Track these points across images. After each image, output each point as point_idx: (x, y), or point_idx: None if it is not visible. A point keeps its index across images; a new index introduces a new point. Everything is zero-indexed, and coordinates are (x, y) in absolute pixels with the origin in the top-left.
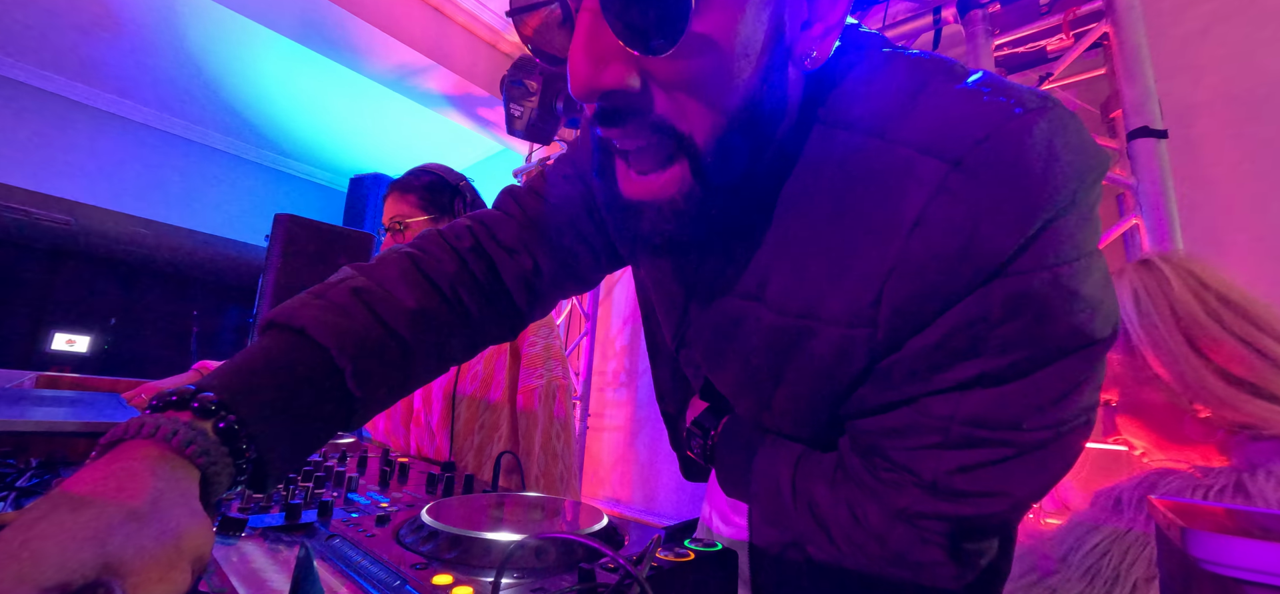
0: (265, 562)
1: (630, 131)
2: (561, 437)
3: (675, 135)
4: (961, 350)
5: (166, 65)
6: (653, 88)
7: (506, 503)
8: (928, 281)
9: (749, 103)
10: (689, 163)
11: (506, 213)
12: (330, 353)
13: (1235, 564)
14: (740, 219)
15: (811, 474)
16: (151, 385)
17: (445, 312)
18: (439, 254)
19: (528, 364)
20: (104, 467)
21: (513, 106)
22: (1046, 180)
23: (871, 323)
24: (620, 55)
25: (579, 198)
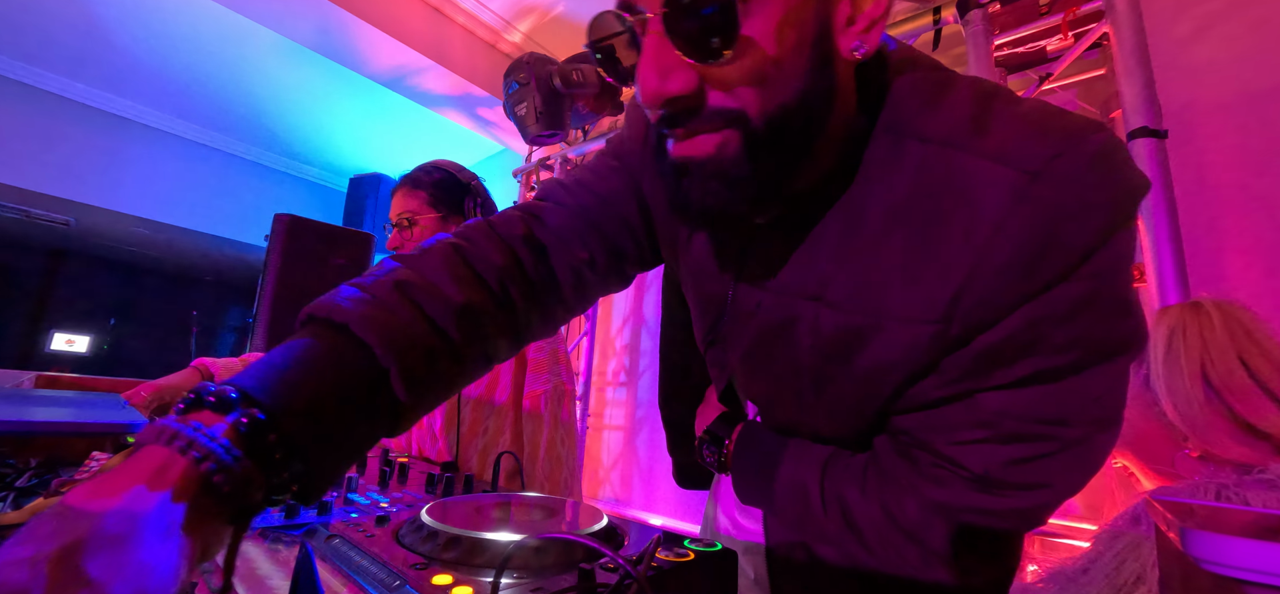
0: (265, 562)
1: (691, 128)
2: (566, 441)
3: (727, 114)
4: (1023, 347)
5: (166, 65)
6: (708, 88)
7: (506, 503)
8: (1007, 280)
9: (801, 92)
10: (740, 131)
11: (557, 202)
12: (375, 352)
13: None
14: (801, 219)
15: (841, 477)
16: (149, 385)
17: (493, 307)
18: (486, 246)
19: (534, 369)
20: (112, 476)
21: (517, 108)
22: (1114, 193)
23: (945, 319)
24: (681, 66)
25: (625, 190)
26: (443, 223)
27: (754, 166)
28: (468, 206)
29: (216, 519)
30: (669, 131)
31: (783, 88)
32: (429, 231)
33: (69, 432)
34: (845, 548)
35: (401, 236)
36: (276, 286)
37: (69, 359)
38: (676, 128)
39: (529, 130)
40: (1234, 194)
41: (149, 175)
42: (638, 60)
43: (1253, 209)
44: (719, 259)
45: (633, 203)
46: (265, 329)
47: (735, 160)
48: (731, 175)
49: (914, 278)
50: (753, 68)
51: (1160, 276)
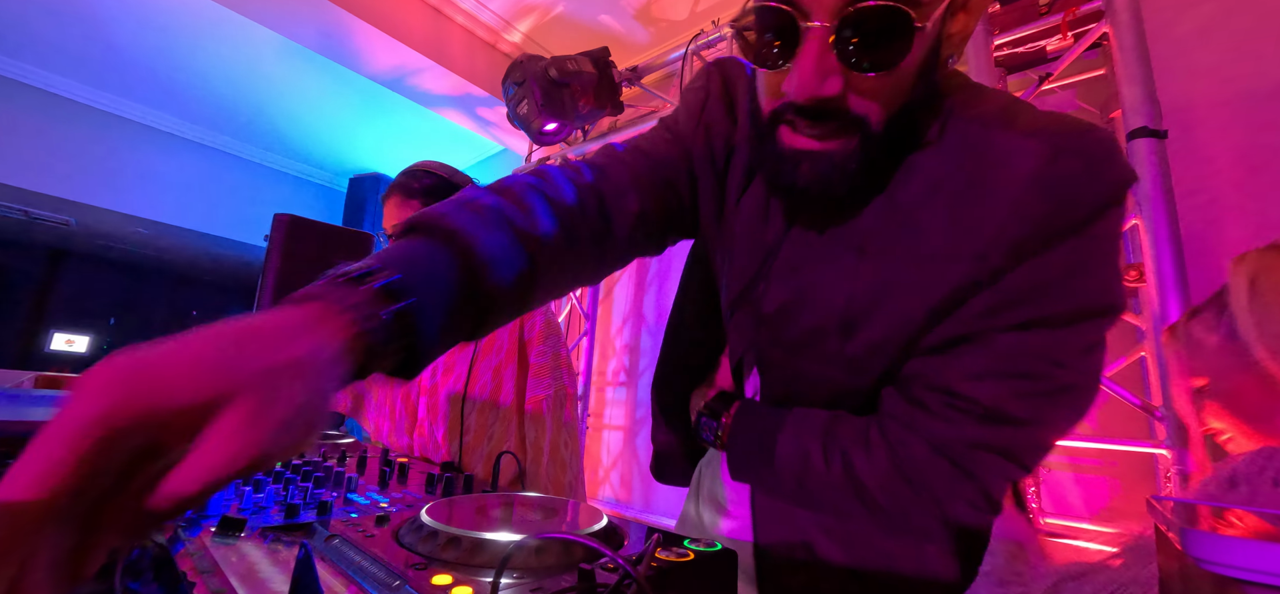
0: (265, 562)
1: (826, 130)
2: (569, 444)
3: (857, 119)
4: (1038, 289)
5: (166, 65)
6: (849, 93)
7: (506, 503)
8: (1036, 227)
9: (912, 102)
10: (861, 135)
11: (617, 160)
12: (476, 262)
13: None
14: (870, 178)
15: (844, 437)
16: None
17: (562, 243)
18: (560, 185)
19: (536, 373)
20: (277, 314)
21: (520, 109)
22: (1120, 171)
23: (982, 256)
24: (836, 72)
25: (678, 159)
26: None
27: (864, 161)
28: None
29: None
30: (804, 124)
31: (902, 98)
32: None
33: None
34: (842, 508)
35: None
36: (276, 286)
37: (69, 359)
38: (818, 124)
39: (533, 125)
40: (1233, 194)
41: (149, 175)
42: (794, 55)
43: (1252, 209)
44: (771, 217)
45: (683, 172)
46: None
47: (852, 156)
48: (846, 168)
49: (956, 222)
50: (893, 85)
51: (1160, 276)
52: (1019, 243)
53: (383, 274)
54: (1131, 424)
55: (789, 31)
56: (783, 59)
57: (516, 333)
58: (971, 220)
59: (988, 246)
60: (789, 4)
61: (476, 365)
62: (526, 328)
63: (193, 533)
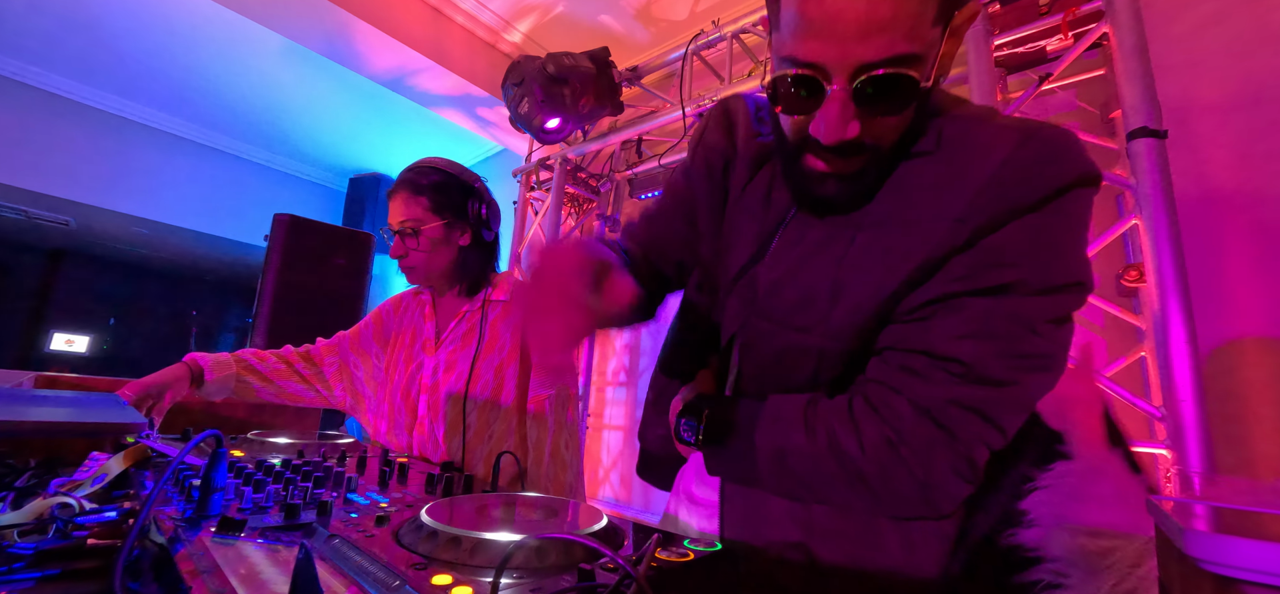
0: (264, 562)
1: (848, 163)
2: (570, 445)
3: (867, 148)
4: (1010, 255)
5: (166, 65)
6: (868, 131)
7: (506, 503)
8: (1007, 195)
9: (914, 121)
10: (872, 157)
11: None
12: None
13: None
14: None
15: (825, 412)
16: (137, 382)
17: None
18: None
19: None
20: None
21: (521, 109)
22: (1081, 159)
23: (961, 220)
24: (855, 117)
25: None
26: (448, 230)
27: (878, 178)
28: (472, 210)
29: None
30: (835, 160)
31: (906, 125)
32: (433, 238)
33: (69, 432)
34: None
35: (405, 245)
36: (276, 286)
37: (69, 359)
38: (840, 160)
39: (535, 122)
40: (1233, 193)
41: (149, 175)
42: (818, 106)
43: (1252, 208)
44: (772, 206)
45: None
46: (265, 329)
47: (867, 174)
48: (863, 185)
49: (939, 194)
50: (900, 120)
51: (1159, 276)
52: (992, 211)
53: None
54: (1131, 424)
55: (814, 88)
56: (809, 108)
57: (519, 330)
58: (952, 193)
59: (966, 211)
60: (814, 69)
61: (478, 364)
62: None
63: (193, 533)
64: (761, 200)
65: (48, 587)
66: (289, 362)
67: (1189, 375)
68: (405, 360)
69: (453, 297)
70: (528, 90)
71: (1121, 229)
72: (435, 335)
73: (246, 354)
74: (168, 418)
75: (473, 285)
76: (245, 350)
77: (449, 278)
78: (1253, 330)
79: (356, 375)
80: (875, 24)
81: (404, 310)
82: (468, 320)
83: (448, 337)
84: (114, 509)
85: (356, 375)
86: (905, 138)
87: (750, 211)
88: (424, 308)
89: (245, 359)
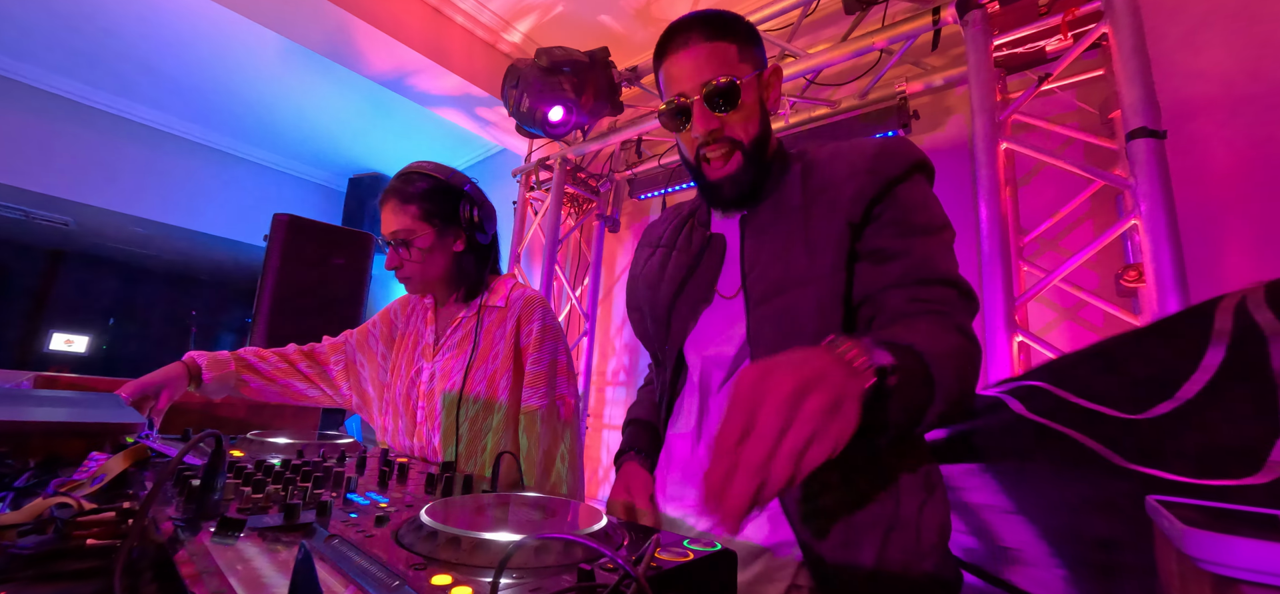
0: (264, 562)
1: (721, 155)
2: (566, 458)
3: (734, 142)
4: (909, 217)
5: (166, 65)
6: (725, 126)
7: (506, 503)
8: (877, 180)
9: (761, 129)
10: (741, 154)
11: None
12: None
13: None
14: (771, 205)
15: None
16: (135, 382)
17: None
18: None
19: (531, 382)
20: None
21: (521, 107)
22: (918, 151)
23: (853, 201)
24: (712, 117)
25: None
26: (440, 237)
27: (753, 171)
28: (464, 214)
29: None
30: (708, 156)
31: (753, 126)
32: (425, 247)
33: (68, 431)
34: (966, 360)
35: (399, 256)
36: (276, 286)
37: (68, 359)
38: (711, 147)
39: (537, 115)
40: (1232, 193)
41: (148, 175)
42: (690, 120)
43: (1251, 208)
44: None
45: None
46: (264, 329)
47: (743, 168)
48: (745, 176)
49: (837, 193)
50: (743, 117)
51: (1158, 275)
52: (870, 191)
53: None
54: None
55: (683, 110)
56: (686, 123)
57: (513, 337)
58: (839, 188)
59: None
60: (683, 99)
61: (472, 371)
62: (523, 332)
63: (192, 533)
64: (686, 241)
65: (47, 587)
66: (290, 361)
67: None
68: (406, 366)
69: (451, 302)
70: (526, 86)
71: (1121, 229)
72: (434, 342)
73: (246, 353)
74: (167, 418)
75: (470, 290)
76: (245, 349)
77: (447, 285)
78: None
79: (363, 375)
80: (704, 62)
81: (410, 313)
82: (463, 327)
83: (445, 343)
84: (113, 509)
85: (363, 375)
86: (760, 141)
87: (678, 249)
88: (426, 313)
89: (245, 358)
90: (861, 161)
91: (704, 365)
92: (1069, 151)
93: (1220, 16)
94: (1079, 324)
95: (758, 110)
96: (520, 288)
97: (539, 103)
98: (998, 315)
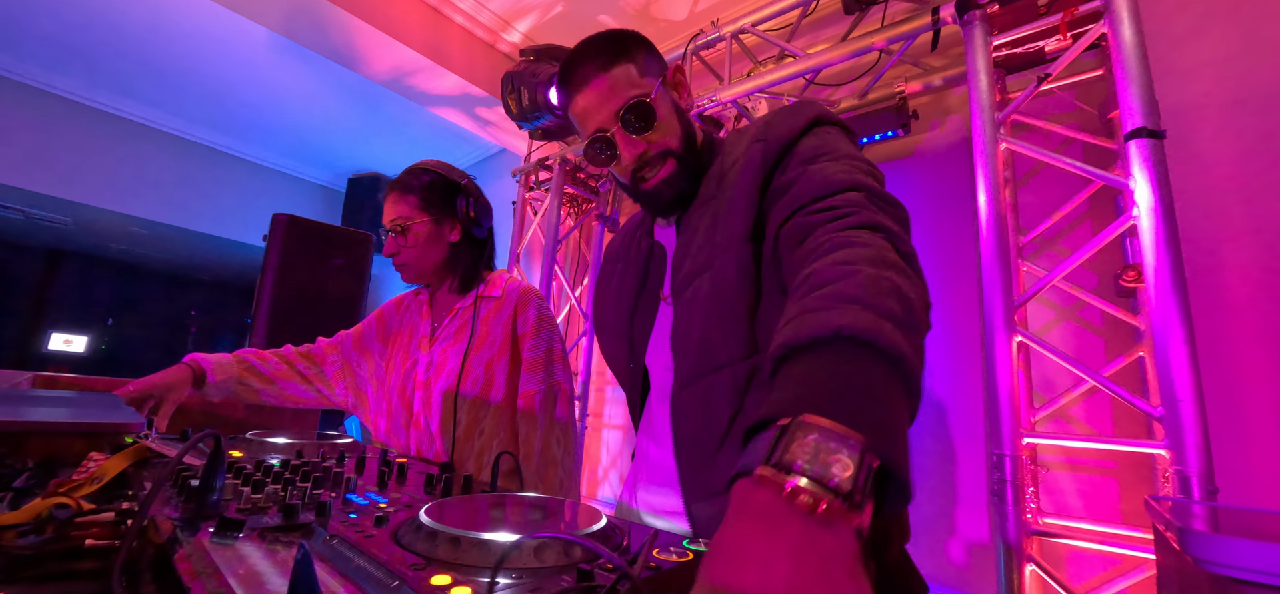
0: (263, 562)
1: (652, 170)
2: (562, 442)
3: (664, 153)
4: (817, 150)
5: (165, 65)
6: (651, 145)
7: (505, 503)
8: (772, 146)
9: (684, 129)
10: (674, 160)
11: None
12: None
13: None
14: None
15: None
16: (138, 382)
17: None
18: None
19: (528, 368)
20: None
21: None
22: (821, 108)
23: (753, 170)
24: (636, 142)
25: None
26: (436, 226)
27: (687, 171)
28: (461, 208)
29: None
30: (643, 174)
31: (676, 131)
32: (423, 235)
33: (67, 431)
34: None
35: (397, 242)
36: (275, 286)
37: (67, 359)
38: (643, 170)
39: (540, 100)
40: (1231, 193)
41: (147, 175)
42: (615, 149)
43: (1250, 208)
44: (641, 243)
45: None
46: (264, 329)
47: (678, 171)
48: (681, 180)
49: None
50: (664, 131)
51: (1157, 276)
52: (776, 143)
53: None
54: (1130, 424)
55: (605, 143)
56: (612, 155)
57: (509, 326)
58: (749, 157)
59: (763, 155)
60: (600, 132)
61: (469, 360)
62: (520, 321)
63: (191, 534)
64: (636, 252)
65: (46, 587)
66: (290, 362)
67: (1187, 376)
68: (402, 358)
69: (447, 294)
70: (523, 81)
71: (1120, 229)
72: (430, 332)
73: (247, 354)
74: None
75: (465, 281)
76: (246, 350)
77: (441, 273)
78: (1251, 330)
79: (360, 374)
80: (609, 92)
81: (405, 310)
82: (460, 317)
83: (442, 333)
84: (112, 510)
85: (360, 374)
86: (695, 147)
87: (629, 262)
88: (422, 307)
89: (246, 360)
90: (755, 131)
91: (661, 371)
92: (1068, 151)
93: (1219, 17)
94: (1078, 324)
95: (674, 114)
96: (515, 280)
97: (538, 88)
98: (997, 315)
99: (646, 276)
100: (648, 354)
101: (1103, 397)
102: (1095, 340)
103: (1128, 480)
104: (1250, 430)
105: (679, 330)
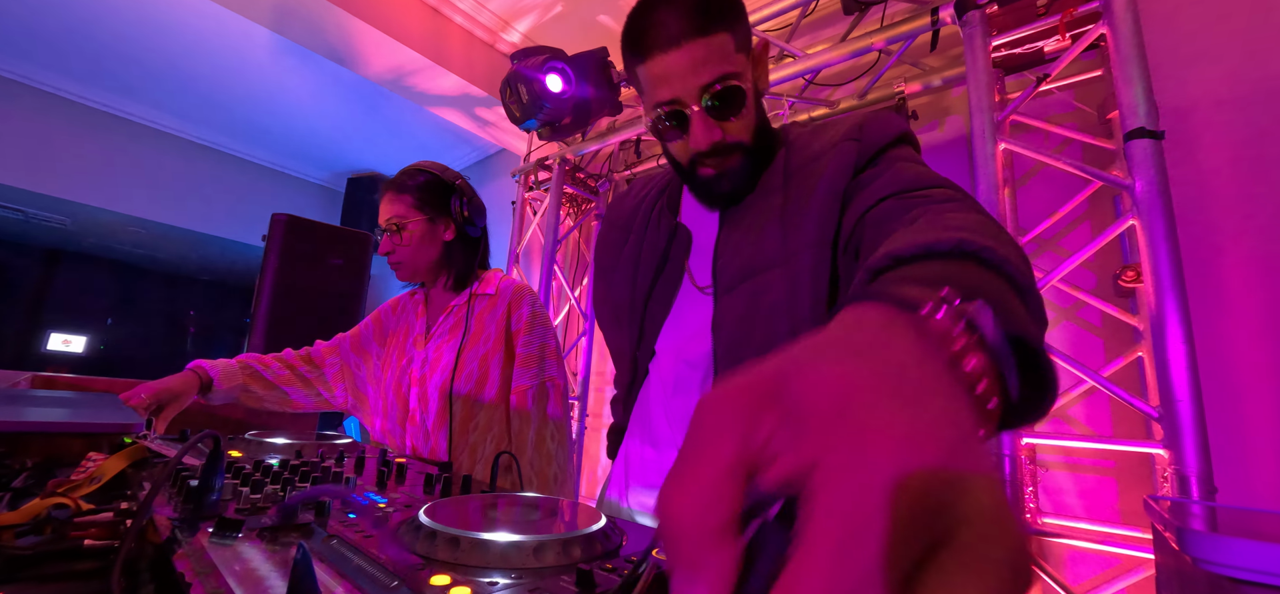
0: (262, 562)
1: (716, 157)
2: (556, 437)
3: (737, 144)
4: (908, 157)
5: (164, 65)
6: (728, 133)
7: (504, 503)
8: (865, 147)
9: (759, 123)
10: (742, 152)
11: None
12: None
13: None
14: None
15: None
16: (148, 386)
17: None
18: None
19: (522, 363)
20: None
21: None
22: (901, 123)
23: (838, 171)
24: (715, 126)
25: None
26: (430, 225)
27: (752, 166)
28: (455, 208)
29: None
30: (708, 162)
31: (753, 122)
32: (418, 234)
33: (65, 432)
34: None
35: (392, 241)
36: (274, 287)
37: (65, 359)
38: (714, 158)
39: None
40: (1231, 193)
41: (146, 175)
42: (689, 128)
43: (1250, 208)
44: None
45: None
46: (263, 329)
47: (743, 166)
48: (743, 174)
49: (826, 160)
50: (745, 122)
51: (1156, 276)
52: (868, 147)
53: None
54: (1129, 424)
55: (680, 119)
56: (680, 134)
57: (504, 322)
58: (832, 155)
59: (853, 155)
60: (677, 105)
61: (464, 355)
62: (514, 318)
63: (190, 534)
64: (655, 228)
65: (45, 588)
66: (292, 366)
67: (1186, 376)
68: (398, 355)
69: (442, 292)
70: (519, 79)
71: (1119, 229)
72: (425, 330)
73: (251, 360)
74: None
75: (459, 279)
76: (248, 355)
77: (435, 272)
78: (1249, 330)
79: (359, 376)
80: (698, 61)
81: (401, 311)
82: (455, 314)
83: (436, 330)
84: (111, 510)
85: (359, 376)
86: (760, 133)
87: (647, 240)
88: (418, 306)
89: (250, 365)
90: (847, 130)
91: (675, 364)
92: (1067, 152)
93: (1219, 17)
94: (1077, 324)
95: (755, 102)
96: (509, 278)
97: (535, 74)
98: None
99: (668, 259)
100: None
101: (1102, 396)
102: (1094, 340)
103: (1127, 480)
104: (1249, 430)
105: (729, 326)
